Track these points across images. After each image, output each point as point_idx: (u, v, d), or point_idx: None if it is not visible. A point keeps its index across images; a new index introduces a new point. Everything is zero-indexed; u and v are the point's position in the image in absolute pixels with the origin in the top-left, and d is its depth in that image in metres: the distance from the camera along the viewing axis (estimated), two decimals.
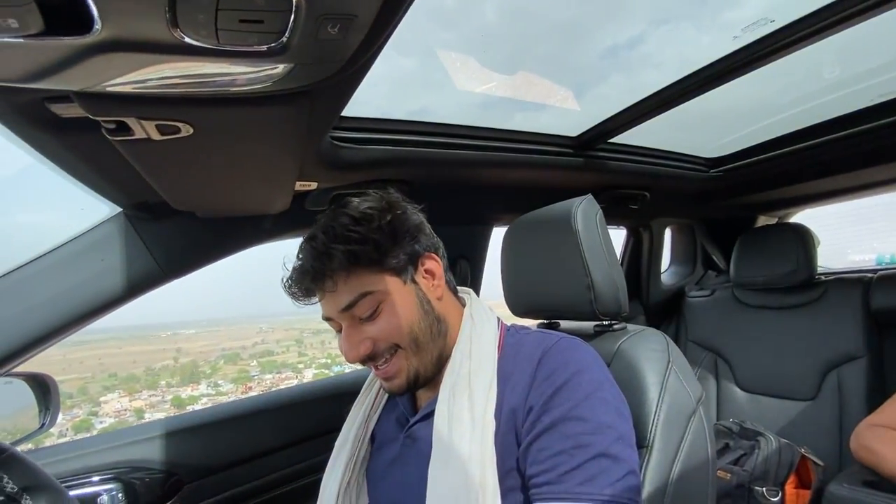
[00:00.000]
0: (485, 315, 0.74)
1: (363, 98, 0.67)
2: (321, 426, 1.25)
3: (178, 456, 1.04)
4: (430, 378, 0.71)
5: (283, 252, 0.72)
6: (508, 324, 0.78)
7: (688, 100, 1.03)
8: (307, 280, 0.66)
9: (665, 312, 1.99)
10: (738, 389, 1.62)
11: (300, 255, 0.67)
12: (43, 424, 1.03)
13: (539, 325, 1.05)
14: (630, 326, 0.87)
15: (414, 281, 0.69)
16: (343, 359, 0.67)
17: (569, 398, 0.59)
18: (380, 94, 0.92)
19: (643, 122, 1.13)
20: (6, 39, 0.31)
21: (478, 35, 0.88)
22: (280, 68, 0.40)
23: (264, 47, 0.36)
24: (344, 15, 0.34)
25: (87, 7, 0.31)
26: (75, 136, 0.57)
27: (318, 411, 1.27)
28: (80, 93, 0.44)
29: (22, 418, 1.04)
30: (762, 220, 2.06)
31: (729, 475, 1.18)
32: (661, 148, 1.47)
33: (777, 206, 1.97)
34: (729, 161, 1.59)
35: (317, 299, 0.68)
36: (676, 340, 1.83)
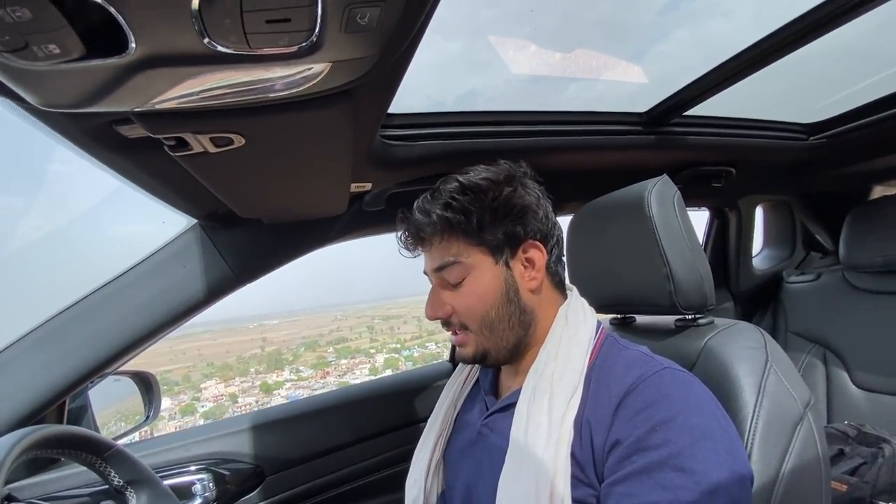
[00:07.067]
0: (581, 316, 0.69)
1: (410, 85, 0.65)
2: (393, 422, 1.28)
3: (261, 449, 1.11)
4: (503, 361, 0.70)
5: (347, 247, 0.75)
6: (611, 331, 0.72)
7: (774, 61, 0.88)
8: (408, 233, 0.70)
9: (758, 302, 1.77)
10: (853, 387, 1.40)
11: (414, 209, 0.70)
12: (147, 417, 1.14)
13: (612, 321, 0.98)
14: (718, 320, 0.77)
15: (508, 265, 0.67)
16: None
17: (669, 441, 0.50)
18: (426, 82, 0.90)
19: (723, 89, 0.99)
20: (54, 66, 0.32)
21: (523, 8, 0.83)
22: (315, 69, 0.39)
23: (295, 48, 0.35)
24: (372, 1, 0.31)
25: (121, 28, 0.31)
26: (144, 155, 0.60)
27: (391, 407, 1.29)
28: (137, 113, 0.46)
29: (130, 410, 1.17)
30: (878, 191, 1.76)
31: (845, 487, 1.02)
32: (747, 116, 1.30)
33: None
34: (833, 125, 1.36)
35: (419, 252, 0.72)
36: (774, 332, 1.63)
